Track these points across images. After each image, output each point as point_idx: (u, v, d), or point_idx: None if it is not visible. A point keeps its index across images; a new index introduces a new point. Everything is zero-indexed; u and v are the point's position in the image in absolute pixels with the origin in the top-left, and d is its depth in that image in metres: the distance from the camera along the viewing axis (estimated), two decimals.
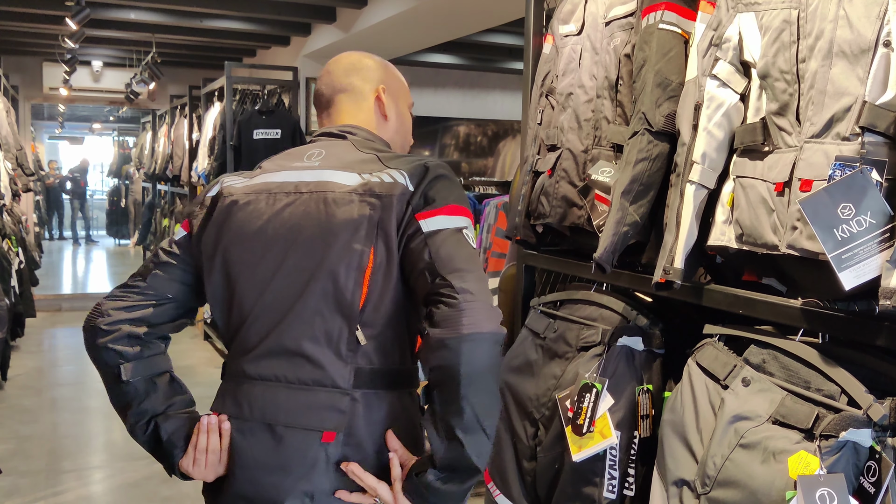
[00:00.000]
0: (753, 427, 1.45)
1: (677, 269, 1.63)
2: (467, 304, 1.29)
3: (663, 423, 1.68)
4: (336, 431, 1.41)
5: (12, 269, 5.98)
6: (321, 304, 1.42)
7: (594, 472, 1.81)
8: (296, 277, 1.45)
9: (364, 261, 1.41)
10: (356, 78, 1.66)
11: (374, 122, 1.66)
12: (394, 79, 1.70)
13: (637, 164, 1.73)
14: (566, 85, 2.09)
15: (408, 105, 1.74)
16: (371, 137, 1.62)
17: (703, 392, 1.60)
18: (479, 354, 1.28)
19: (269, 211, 1.49)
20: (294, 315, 1.44)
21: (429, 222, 1.40)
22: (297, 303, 1.44)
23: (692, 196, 1.63)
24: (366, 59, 1.70)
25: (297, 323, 1.44)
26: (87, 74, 9.82)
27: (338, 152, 1.56)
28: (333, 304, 1.42)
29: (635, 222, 1.73)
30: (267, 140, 6.26)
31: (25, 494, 3.93)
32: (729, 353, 1.59)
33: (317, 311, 1.43)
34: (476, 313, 1.29)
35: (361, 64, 1.68)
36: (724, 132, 1.62)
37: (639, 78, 1.78)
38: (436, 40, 6.42)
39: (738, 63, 1.61)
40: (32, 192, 10.35)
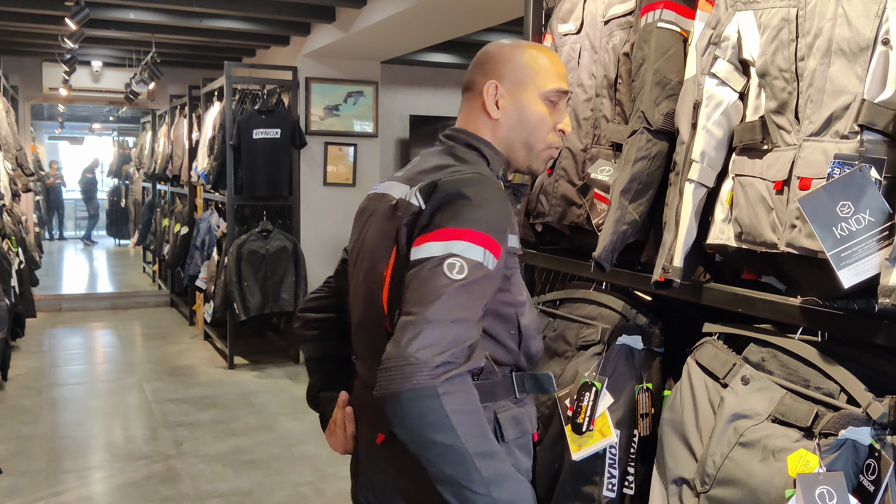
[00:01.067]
0: (753, 425, 1.45)
1: (676, 268, 1.63)
2: (388, 360, 1.23)
3: (663, 422, 1.68)
4: (383, 433, 1.44)
5: (12, 269, 5.98)
6: (370, 316, 1.48)
7: (594, 471, 1.81)
8: (361, 289, 1.52)
9: (380, 281, 1.43)
10: (477, 73, 1.56)
11: (479, 122, 1.53)
12: (516, 67, 1.51)
13: (636, 162, 1.73)
14: None
15: (542, 93, 1.51)
16: (469, 141, 1.52)
17: (702, 390, 1.60)
18: (400, 415, 1.22)
19: (363, 221, 1.57)
20: (360, 324, 1.55)
21: (418, 250, 1.32)
22: (361, 314, 1.53)
23: (691, 194, 1.63)
24: (492, 49, 1.56)
25: (360, 332, 1.55)
26: (86, 74, 9.81)
27: (423, 160, 1.54)
28: (375, 317, 1.47)
29: (634, 221, 1.73)
30: (266, 140, 6.27)
31: (26, 494, 3.93)
32: (728, 352, 1.60)
33: (370, 321, 1.49)
34: (391, 371, 1.22)
35: (486, 56, 1.56)
36: (723, 130, 1.62)
37: (637, 76, 1.78)
38: (435, 39, 6.41)
39: (736, 61, 1.61)
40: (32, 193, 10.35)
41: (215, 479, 4.16)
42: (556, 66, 1.54)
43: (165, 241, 8.78)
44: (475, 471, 1.23)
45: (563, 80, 1.54)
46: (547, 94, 1.51)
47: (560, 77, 1.53)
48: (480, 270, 1.29)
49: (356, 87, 7.16)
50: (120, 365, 6.65)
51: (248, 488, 4.06)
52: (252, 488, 4.06)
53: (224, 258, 6.32)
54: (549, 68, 1.52)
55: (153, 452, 4.55)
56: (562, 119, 1.54)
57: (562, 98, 1.54)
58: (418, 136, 9.02)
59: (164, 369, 6.37)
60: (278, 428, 4.97)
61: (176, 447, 4.62)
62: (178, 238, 8.00)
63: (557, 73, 1.53)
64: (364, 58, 7.15)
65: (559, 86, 1.52)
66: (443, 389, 1.21)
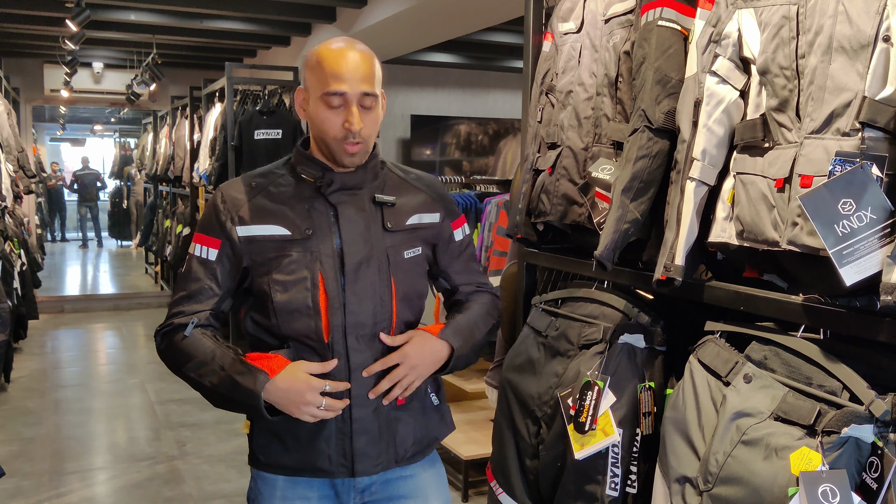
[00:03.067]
0: (755, 424, 1.45)
1: (678, 267, 1.63)
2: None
3: (665, 421, 1.68)
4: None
5: (14, 270, 5.98)
6: None
7: (596, 470, 1.81)
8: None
9: None
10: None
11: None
12: (307, 72, 1.64)
13: (637, 161, 1.72)
14: (566, 83, 2.09)
15: (318, 97, 1.61)
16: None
17: (704, 389, 1.60)
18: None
19: None
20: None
21: None
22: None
23: (692, 193, 1.63)
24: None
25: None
26: (87, 76, 9.83)
27: None
28: None
29: (636, 220, 1.73)
30: (268, 140, 6.26)
31: (29, 496, 3.94)
32: (730, 350, 1.59)
33: None
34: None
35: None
36: (724, 129, 1.62)
37: (638, 75, 1.78)
38: (436, 39, 6.42)
39: (737, 59, 1.61)
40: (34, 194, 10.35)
41: (218, 480, 4.17)
42: (330, 67, 1.58)
43: (167, 242, 8.79)
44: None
45: (337, 80, 1.57)
46: (326, 95, 1.59)
47: (333, 78, 1.57)
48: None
49: None
50: (122, 366, 6.65)
51: None
52: None
53: None
54: (323, 71, 1.59)
55: (156, 453, 4.56)
56: (350, 115, 1.59)
57: (339, 99, 1.58)
58: (419, 135, 9.02)
59: (167, 370, 6.30)
60: None
61: (179, 448, 4.63)
62: (181, 239, 8.00)
63: (331, 75, 1.57)
64: None
65: (328, 88, 1.58)
66: None
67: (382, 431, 1.68)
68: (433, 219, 1.78)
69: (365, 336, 1.66)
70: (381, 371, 1.67)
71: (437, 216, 1.79)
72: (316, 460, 1.66)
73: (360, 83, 1.58)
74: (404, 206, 1.74)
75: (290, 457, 1.67)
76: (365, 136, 1.62)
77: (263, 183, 1.70)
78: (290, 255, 1.64)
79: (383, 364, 1.66)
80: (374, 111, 1.62)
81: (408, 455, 1.74)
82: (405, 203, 1.75)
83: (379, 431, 1.68)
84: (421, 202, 1.77)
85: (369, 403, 1.67)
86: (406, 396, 1.70)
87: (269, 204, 1.67)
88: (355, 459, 1.66)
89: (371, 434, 1.67)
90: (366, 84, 1.59)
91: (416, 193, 1.77)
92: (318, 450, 1.65)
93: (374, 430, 1.67)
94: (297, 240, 1.64)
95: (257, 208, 1.66)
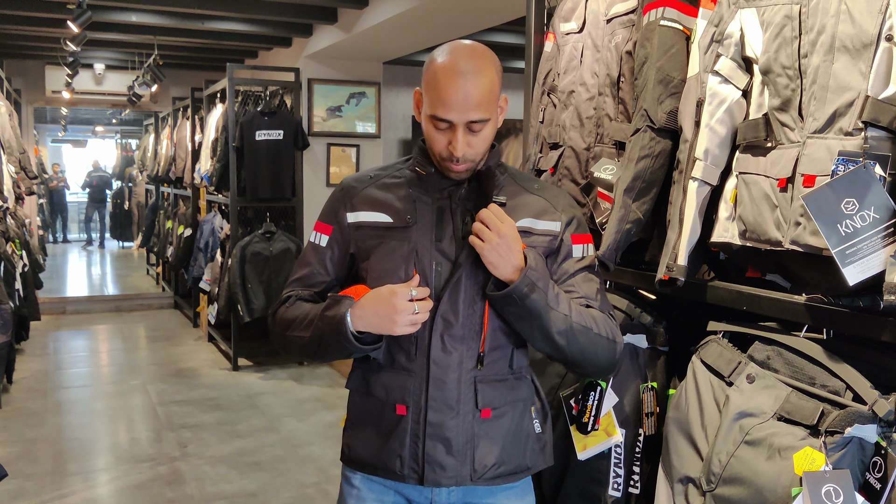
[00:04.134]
0: (758, 423, 1.45)
1: (681, 267, 1.63)
2: None
3: (668, 421, 1.67)
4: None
5: (16, 271, 5.98)
6: None
7: (599, 471, 1.81)
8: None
9: None
10: None
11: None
12: (424, 77, 1.58)
13: (639, 161, 1.72)
14: (568, 83, 2.09)
15: (427, 113, 1.56)
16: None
17: (707, 389, 1.59)
18: None
19: None
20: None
21: None
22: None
23: (695, 193, 1.63)
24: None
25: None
26: (89, 77, 9.83)
27: None
28: None
29: (638, 219, 1.73)
30: (269, 141, 6.26)
31: (31, 497, 3.94)
32: (733, 350, 1.59)
33: None
34: None
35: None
36: (727, 128, 1.62)
37: (640, 75, 1.78)
38: (437, 40, 6.41)
39: (739, 59, 1.61)
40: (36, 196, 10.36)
41: (220, 481, 4.17)
42: (439, 91, 1.51)
43: (169, 243, 8.79)
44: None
45: (444, 107, 1.51)
46: (430, 117, 1.55)
47: (441, 104, 1.51)
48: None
49: (358, 88, 7.16)
50: (124, 367, 6.65)
51: (252, 490, 4.06)
52: (257, 490, 4.06)
53: (227, 260, 6.32)
54: (434, 92, 1.53)
55: (158, 454, 4.56)
56: (454, 140, 1.54)
57: (444, 124, 1.54)
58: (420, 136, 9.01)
59: (169, 371, 6.37)
60: (283, 429, 4.97)
61: (180, 449, 4.63)
62: (182, 240, 7.99)
63: (439, 99, 1.51)
64: (366, 59, 7.15)
65: (435, 112, 1.53)
66: None
67: (460, 442, 1.58)
68: (550, 227, 1.63)
69: (452, 337, 1.57)
70: (463, 380, 1.58)
71: (557, 225, 1.63)
72: (387, 459, 1.60)
73: (468, 112, 1.51)
74: (516, 208, 1.62)
75: (367, 451, 1.63)
76: (471, 157, 1.57)
77: (381, 174, 1.71)
78: (388, 244, 1.61)
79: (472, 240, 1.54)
80: (484, 131, 1.55)
81: (487, 475, 1.60)
82: (518, 205, 1.63)
83: (456, 441, 1.57)
84: (538, 208, 1.64)
85: (448, 409, 1.57)
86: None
87: (379, 193, 1.66)
88: (426, 467, 1.57)
89: (447, 443, 1.57)
90: (475, 112, 1.51)
91: (534, 199, 1.65)
92: (392, 448, 1.59)
93: (452, 438, 1.57)
94: (397, 227, 1.62)
95: (368, 196, 1.66)
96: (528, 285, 1.50)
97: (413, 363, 1.59)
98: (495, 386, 1.61)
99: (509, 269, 1.52)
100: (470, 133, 1.54)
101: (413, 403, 1.58)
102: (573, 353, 1.57)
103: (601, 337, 1.58)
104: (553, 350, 1.58)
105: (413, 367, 1.59)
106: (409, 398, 1.58)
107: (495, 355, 1.61)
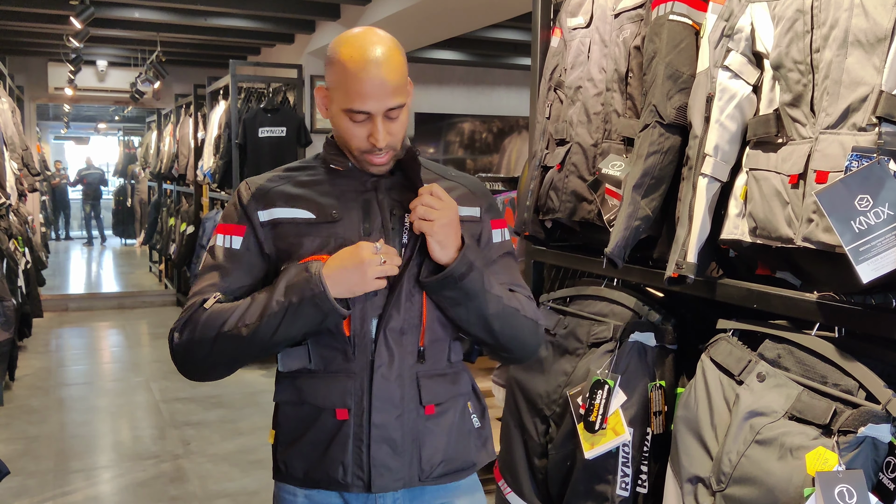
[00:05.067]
0: (769, 423, 1.43)
1: (690, 264, 1.61)
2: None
3: (677, 420, 1.66)
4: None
5: (19, 269, 5.96)
6: None
7: (607, 470, 1.79)
8: None
9: None
10: None
11: None
12: (329, 69, 1.48)
13: (648, 157, 1.70)
14: (575, 78, 2.07)
15: (340, 108, 1.46)
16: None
17: (717, 388, 1.58)
18: None
19: None
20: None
21: None
22: None
23: (705, 189, 1.61)
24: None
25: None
26: (91, 74, 9.82)
27: None
28: None
29: (647, 216, 1.71)
30: (272, 138, 6.24)
31: (34, 495, 3.92)
32: (743, 349, 1.57)
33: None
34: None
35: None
36: (737, 124, 1.60)
37: (649, 70, 1.76)
38: (440, 36, 6.40)
39: (750, 54, 1.59)
40: (39, 193, 10.36)
41: (223, 479, 4.15)
42: (353, 83, 1.42)
43: (171, 240, 8.78)
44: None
45: (361, 98, 1.42)
46: (346, 111, 1.45)
47: (357, 96, 1.42)
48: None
49: None
50: (127, 364, 6.64)
51: (255, 488, 4.04)
52: (259, 488, 4.04)
53: None
54: (346, 85, 1.43)
55: (161, 452, 4.54)
56: (374, 131, 1.45)
57: (362, 116, 1.45)
58: (423, 133, 8.99)
59: (171, 368, 6.23)
60: None
61: (183, 446, 4.61)
62: (185, 237, 7.98)
63: (353, 92, 1.42)
64: None
65: (351, 106, 1.43)
66: None
67: (406, 442, 1.49)
68: (472, 213, 1.59)
69: (393, 331, 1.48)
70: (406, 376, 1.50)
71: (477, 211, 1.60)
72: (329, 468, 1.49)
73: (386, 100, 1.43)
74: None
75: (306, 464, 1.52)
76: (393, 145, 1.49)
77: (293, 174, 1.59)
78: (312, 240, 1.50)
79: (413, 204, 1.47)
80: (401, 116, 1.48)
81: (434, 473, 1.53)
82: None
83: (402, 441, 1.49)
84: (458, 194, 1.58)
85: (392, 408, 1.48)
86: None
87: (295, 189, 1.55)
88: (373, 472, 1.47)
89: (392, 443, 1.48)
90: (392, 98, 1.44)
91: (453, 185, 1.60)
92: (333, 457, 1.49)
93: (397, 439, 1.48)
94: (321, 223, 1.51)
95: (283, 193, 1.54)
96: (466, 265, 1.45)
97: (352, 363, 1.48)
98: (437, 380, 1.54)
99: (452, 250, 1.46)
100: (389, 121, 1.46)
101: (355, 405, 1.47)
102: (506, 338, 1.53)
103: (528, 319, 1.55)
104: (487, 335, 1.52)
105: (352, 367, 1.48)
106: (350, 400, 1.47)
107: (435, 348, 1.53)
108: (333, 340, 1.48)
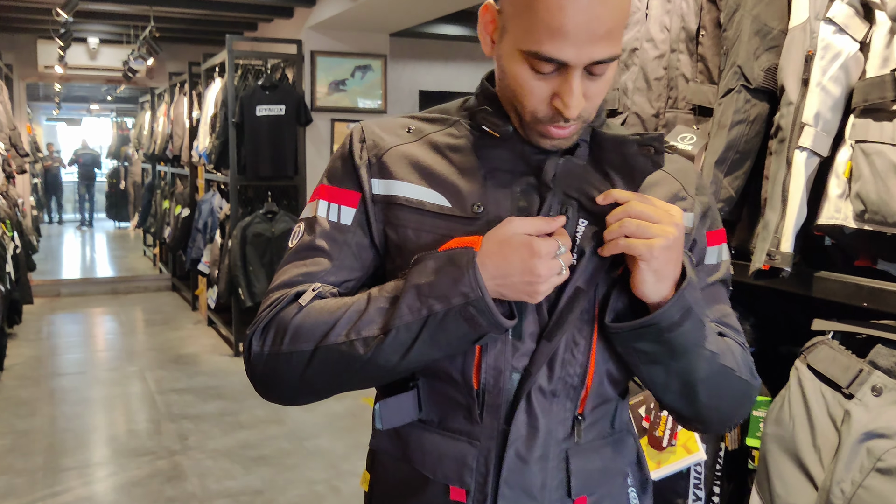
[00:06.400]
0: (893, 448, 1.19)
1: (786, 254, 1.36)
2: None
3: (767, 438, 1.41)
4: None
5: (7, 254, 5.74)
6: None
7: (677, 493, 1.55)
8: None
9: None
10: None
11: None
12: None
13: (733, 126, 1.45)
14: (630, 39, 1.81)
15: (518, 48, 0.97)
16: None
17: (818, 401, 1.33)
18: None
19: None
20: None
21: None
22: None
23: (803, 165, 1.36)
24: None
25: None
26: (83, 52, 9.52)
27: None
28: None
29: (730, 197, 1.46)
30: (270, 117, 6.04)
31: (21, 495, 3.70)
32: (849, 355, 1.33)
33: None
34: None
35: None
36: (842, 88, 1.35)
37: (731, 25, 1.50)
38: (446, 10, 6.14)
39: (858, 4, 1.34)
40: (30, 175, 10.10)
41: (223, 477, 3.93)
42: (547, 13, 0.91)
43: (166, 223, 8.55)
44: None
45: (557, 38, 0.92)
46: (526, 55, 0.96)
47: (550, 34, 0.92)
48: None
49: (364, 61, 6.87)
50: (121, 353, 6.42)
51: (258, 487, 3.82)
52: (263, 487, 3.82)
53: (228, 241, 6.09)
54: (536, 15, 0.93)
55: (157, 448, 4.32)
56: (565, 91, 0.96)
57: (552, 66, 0.95)
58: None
59: (167, 357, 6.13)
60: (289, 421, 4.72)
61: (181, 442, 4.39)
62: (179, 220, 7.77)
63: (546, 27, 0.92)
64: (372, 30, 6.86)
65: (538, 49, 0.94)
66: None
67: (538, 484, 1.06)
68: (684, 220, 1.03)
69: (541, 393, 1.04)
70: (552, 456, 1.05)
71: (690, 218, 1.10)
72: None
73: (593, 46, 0.93)
74: (642, 189, 1.06)
75: None
76: (586, 116, 1.01)
77: (425, 127, 1.12)
78: (441, 241, 1.03)
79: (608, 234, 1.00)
80: (607, 74, 0.99)
81: None
82: (644, 184, 1.06)
83: (535, 484, 1.05)
84: (667, 191, 1.10)
85: (527, 499, 1.05)
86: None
87: (426, 154, 1.08)
88: None
89: (524, 487, 1.05)
90: (602, 47, 0.94)
91: (661, 176, 1.10)
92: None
93: (530, 482, 1.05)
94: (458, 217, 1.05)
95: (410, 157, 1.08)
96: (682, 309, 0.98)
97: (477, 427, 1.05)
98: (593, 458, 1.09)
99: (668, 284, 0.99)
100: (590, 79, 0.97)
101: (476, 488, 1.05)
102: (709, 408, 1.07)
103: (742, 381, 1.08)
104: (685, 404, 1.07)
105: (477, 432, 1.05)
106: (469, 478, 1.05)
107: (597, 415, 1.09)
108: (453, 389, 1.05)
